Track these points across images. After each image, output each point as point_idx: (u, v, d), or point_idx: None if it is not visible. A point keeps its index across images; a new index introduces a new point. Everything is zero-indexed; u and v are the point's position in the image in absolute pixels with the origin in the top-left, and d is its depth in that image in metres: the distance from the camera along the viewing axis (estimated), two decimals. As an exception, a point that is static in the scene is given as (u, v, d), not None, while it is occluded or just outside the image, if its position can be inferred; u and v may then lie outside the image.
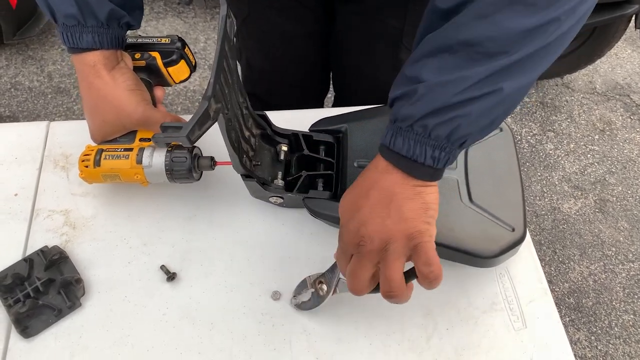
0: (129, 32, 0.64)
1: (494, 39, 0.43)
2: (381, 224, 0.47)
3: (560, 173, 1.87)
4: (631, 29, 1.83)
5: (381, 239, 0.47)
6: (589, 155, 1.92)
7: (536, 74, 0.46)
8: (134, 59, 0.64)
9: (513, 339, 0.60)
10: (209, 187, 0.70)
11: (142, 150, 0.62)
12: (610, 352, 1.50)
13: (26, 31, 1.95)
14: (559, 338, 0.60)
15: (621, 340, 1.52)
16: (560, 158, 1.91)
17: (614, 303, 1.59)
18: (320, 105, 1.19)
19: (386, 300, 0.49)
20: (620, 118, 2.03)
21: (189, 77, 0.69)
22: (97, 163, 0.62)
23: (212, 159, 0.63)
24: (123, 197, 0.69)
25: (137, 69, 0.64)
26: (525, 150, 1.93)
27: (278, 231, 0.67)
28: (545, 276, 0.65)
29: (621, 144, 1.95)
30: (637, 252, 1.68)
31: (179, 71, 0.67)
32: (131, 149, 0.62)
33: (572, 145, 1.95)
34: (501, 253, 0.59)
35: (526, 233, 0.62)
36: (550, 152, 1.93)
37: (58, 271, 0.62)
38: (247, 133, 0.63)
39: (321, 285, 0.57)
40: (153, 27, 2.22)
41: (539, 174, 1.87)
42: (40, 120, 1.77)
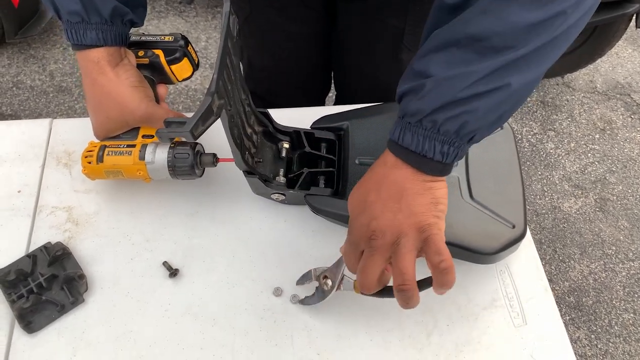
0: (133, 30, 0.65)
1: (500, 34, 0.43)
2: (392, 218, 0.47)
3: (560, 172, 1.87)
4: (632, 28, 1.83)
5: (393, 233, 0.47)
6: (590, 154, 1.92)
7: (543, 69, 0.46)
8: (138, 57, 0.65)
9: (513, 336, 0.60)
10: (211, 184, 0.70)
11: (145, 146, 0.62)
12: (610, 351, 1.50)
13: (28, 30, 1.96)
14: (559, 335, 0.60)
15: (621, 339, 1.52)
16: (560, 157, 1.91)
17: (614, 302, 1.59)
18: (321, 104, 1.20)
19: (398, 298, 0.49)
20: (620, 117, 2.03)
21: (192, 75, 0.69)
22: (100, 159, 0.62)
23: (215, 156, 0.64)
24: (126, 194, 0.69)
25: (141, 67, 0.65)
26: (525, 149, 1.93)
27: (280, 228, 0.67)
28: (545, 275, 0.65)
29: (622, 143, 1.96)
30: (637, 251, 1.69)
31: (182, 69, 0.67)
32: (134, 146, 0.62)
33: (573, 144, 1.95)
34: (501, 250, 0.60)
35: (526, 230, 0.62)
36: (550, 151, 1.93)
37: (61, 267, 0.62)
38: (249, 130, 0.63)
39: (326, 280, 0.57)
40: (154, 26, 2.22)
41: (540, 173, 1.87)
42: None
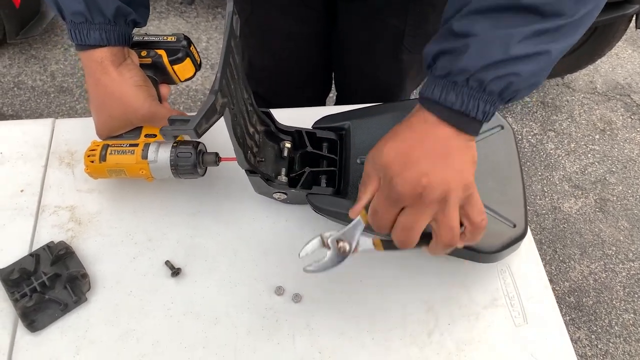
0: (135, 31, 0.65)
1: (551, 2, 0.44)
2: (443, 175, 0.48)
3: (560, 172, 1.88)
4: (632, 29, 1.84)
5: (443, 190, 0.48)
6: (590, 154, 1.93)
7: (579, 36, 0.48)
8: (141, 57, 0.65)
9: (514, 335, 0.60)
10: (213, 184, 0.71)
11: (148, 145, 0.62)
12: (610, 351, 1.50)
13: (29, 30, 1.96)
14: (560, 334, 0.60)
15: (621, 339, 1.53)
16: (560, 158, 1.92)
17: (614, 302, 1.59)
18: (322, 104, 1.20)
19: (439, 251, 0.51)
20: (620, 118, 2.04)
21: (194, 75, 0.69)
22: (103, 158, 0.62)
23: (217, 155, 0.64)
24: (128, 193, 0.69)
25: (143, 67, 0.65)
26: (526, 149, 1.93)
27: (281, 227, 0.67)
28: (546, 274, 0.65)
29: (621, 144, 1.96)
30: (637, 252, 1.69)
31: (185, 69, 0.67)
32: (137, 145, 0.62)
33: (573, 144, 1.95)
34: (502, 249, 0.60)
35: (527, 229, 0.63)
36: (550, 152, 1.93)
37: (64, 266, 0.62)
38: (252, 129, 0.63)
39: (342, 243, 0.54)
40: (155, 27, 2.23)
41: (540, 174, 1.87)
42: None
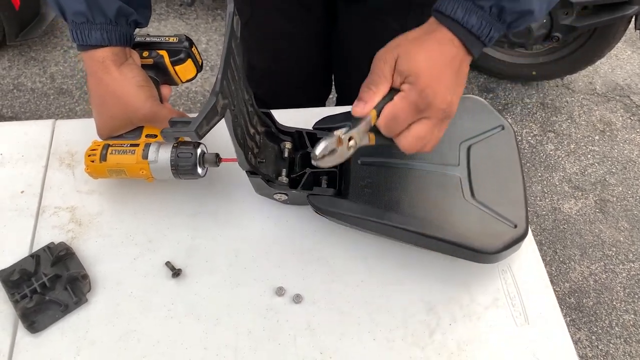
0: (137, 31, 0.65)
1: None
2: (458, 95, 0.53)
3: (560, 173, 1.88)
4: (631, 30, 1.84)
5: (455, 109, 0.53)
6: (589, 155, 1.93)
7: None
8: (142, 57, 0.65)
9: (515, 335, 0.60)
10: (214, 185, 0.71)
11: (149, 145, 0.62)
12: (611, 352, 1.50)
13: (29, 32, 1.96)
14: (561, 333, 0.60)
15: (622, 340, 1.53)
16: (560, 159, 1.92)
17: (615, 303, 1.59)
18: (322, 106, 1.20)
19: (420, 150, 0.55)
20: (620, 119, 2.04)
21: (196, 76, 0.70)
22: (103, 158, 0.62)
23: (217, 156, 0.64)
24: (128, 195, 0.69)
25: (145, 67, 0.65)
26: (525, 150, 1.93)
27: (282, 228, 0.67)
28: (547, 274, 0.65)
29: (621, 145, 1.96)
30: (638, 252, 1.69)
31: (186, 70, 0.67)
32: (137, 145, 0.62)
33: (573, 145, 1.96)
34: (503, 249, 0.60)
35: (528, 230, 0.63)
36: (550, 153, 1.93)
37: (64, 267, 0.62)
38: (252, 130, 0.63)
39: (352, 141, 0.55)
40: (155, 29, 2.23)
41: (540, 175, 1.87)
42: (42, 120, 1.77)
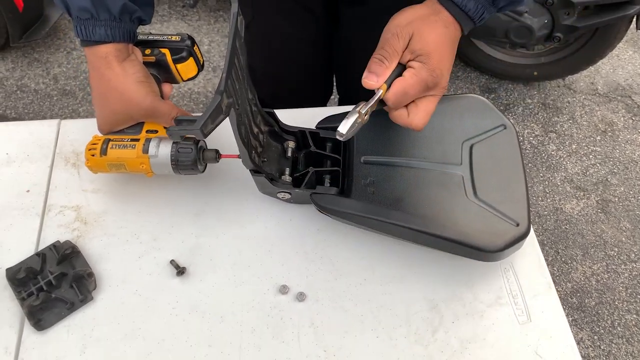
0: (140, 30, 0.65)
1: None
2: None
3: (562, 174, 1.88)
4: (632, 30, 1.84)
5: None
6: (591, 156, 1.93)
7: None
8: (145, 55, 0.66)
9: (518, 333, 0.61)
10: (218, 184, 0.71)
11: (149, 140, 0.63)
12: (613, 352, 1.50)
13: (32, 34, 1.97)
14: (563, 331, 0.61)
15: (624, 339, 1.53)
16: (562, 159, 1.92)
17: (617, 303, 1.59)
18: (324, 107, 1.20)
19: (409, 128, 0.59)
20: (622, 119, 2.04)
21: (197, 75, 0.70)
22: (104, 152, 0.62)
23: (217, 152, 0.65)
24: (133, 194, 0.70)
25: (147, 65, 0.65)
26: (527, 151, 1.93)
27: (285, 227, 0.68)
28: (549, 273, 0.66)
29: (623, 145, 1.96)
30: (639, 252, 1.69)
31: (188, 68, 0.68)
32: (138, 140, 0.63)
33: (574, 146, 1.96)
34: (506, 247, 0.60)
35: (530, 228, 0.63)
36: (552, 153, 1.93)
37: (70, 265, 0.63)
38: (256, 129, 0.64)
39: (367, 116, 0.59)
40: (157, 30, 2.24)
41: (541, 175, 1.87)
42: (46, 121, 1.78)
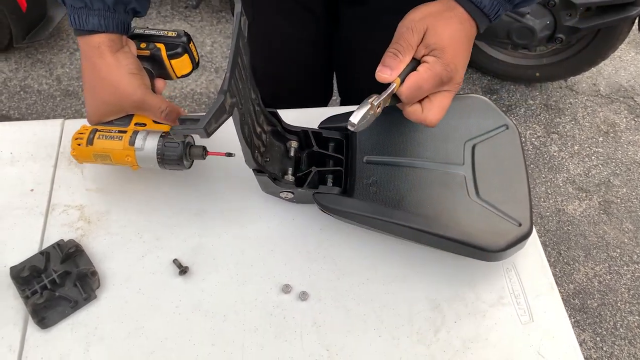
0: (138, 23, 0.65)
1: None
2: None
3: (564, 175, 1.88)
4: (635, 32, 1.84)
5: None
6: (593, 157, 1.93)
7: None
8: (139, 48, 0.65)
9: (520, 332, 0.61)
10: (221, 183, 0.71)
11: (136, 133, 0.62)
12: (615, 353, 1.50)
13: (36, 35, 1.98)
14: (566, 331, 0.61)
15: (626, 341, 1.52)
16: (564, 160, 1.92)
17: (619, 304, 1.59)
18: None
19: (423, 124, 0.59)
20: (624, 120, 2.04)
21: (191, 73, 0.69)
22: (90, 142, 0.62)
23: (204, 149, 0.64)
24: (136, 193, 0.70)
25: (141, 59, 0.65)
26: (529, 152, 1.93)
27: (288, 226, 0.68)
28: (551, 273, 0.66)
29: (625, 146, 1.96)
30: (642, 254, 1.69)
31: (182, 65, 0.67)
32: (125, 132, 0.63)
33: (577, 147, 1.96)
34: (508, 247, 0.60)
35: (532, 228, 0.63)
36: (554, 154, 1.93)
37: (74, 264, 0.63)
38: (259, 129, 0.64)
39: (379, 108, 0.58)
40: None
41: (544, 176, 1.87)
42: (49, 122, 1.79)
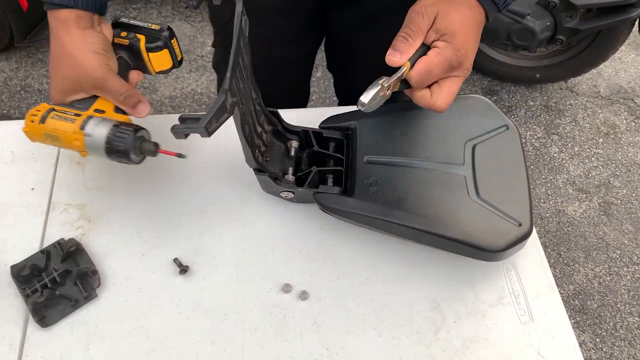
0: (123, 14, 0.65)
1: None
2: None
3: (564, 176, 1.88)
4: (635, 33, 1.84)
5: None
6: (594, 158, 1.93)
7: None
8: (120, 37, 0.64)
9: (520, 332, 0.61)
10: (221, 182, 0.71)
11: (90, 118, 0.59)
12: (615, 354, 1.50)
13: (37, 34, 1.97)
14: (566, 331, 0.61)
15: (626, 342, 1.52)
16: (564, 161, 1.92)
17: (619, 305, 1.59)
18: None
19: (431, 109, 0.61)
20: (624, 122, 2.04)
21: (170, 70, 0.68)
22: (43, 120, 0.59)
23: (156, 145, 0.60)
24: (137, 192, 0.70)
25: (119, 48, 0.64)
26: (529, 153, 1.94)
27: (289, 225, 0.68)
28: (551, 273, 0.66)
29: (625, 148, 1.96)
30: (642, 255, 1.69)
31: (161, 60, 0.65)
32: (80, 115, 0.60)
33: (577, 148, 1.96)
34: (508, 247, 0.60)
35: (532, 228, 0.63)
36: (554, 155, 1.94)
37: (74, 263, 0.63)
38: (260, 129, 0.64)
39: (389, 90, 0.60)
40: (161, 31, 2.25)
41: (544, 177, 1.87)
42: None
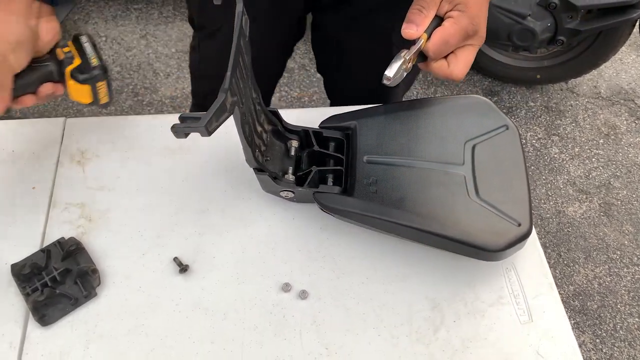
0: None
1: None
2: None
3: (565, 177, 1.88)
4: (636, 34, 1.84)
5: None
6: (594, 159, 1.93)
7: None
8: (61, 47, 0.62)
9: (519, 332, 0.61)
10: (221, 182, 0.72)
11: None
12: (615, 355, 1.50)
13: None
14: (565, 331, 0.61)
15: (626, 343, 1.52)
16: (565, 162, 1.92)
17: (619, 306, 1.59)
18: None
19: (449, 79, 0.64)
20: (624, 122, 2.04)
21: (91, 105, 0.66)
22: None
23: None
24: (137, 191, 0.70)
25: (54, 57, 0.62)
26: (530, 154, 1.94)
27: (288, 225, 0.68)
28: (551, 273, 0.66)
29: (626, 148, 1.96)
30: (642, 256, 1.69)
31: (79, 91, 0.64)
32: None
33: (577, 149, 1.96)
34: (507, 247, 0.60)
35: (532, 228, 0.63)
36: (555, 156, 1.94)
37: (74, 261, 0.63)
38: (260, 128, 0.64)
39: (410, 63, 0.61)
40: (162, 31, 2.24)
41: (544, 178, 1.88)
42: (50, 121, 1.79)
